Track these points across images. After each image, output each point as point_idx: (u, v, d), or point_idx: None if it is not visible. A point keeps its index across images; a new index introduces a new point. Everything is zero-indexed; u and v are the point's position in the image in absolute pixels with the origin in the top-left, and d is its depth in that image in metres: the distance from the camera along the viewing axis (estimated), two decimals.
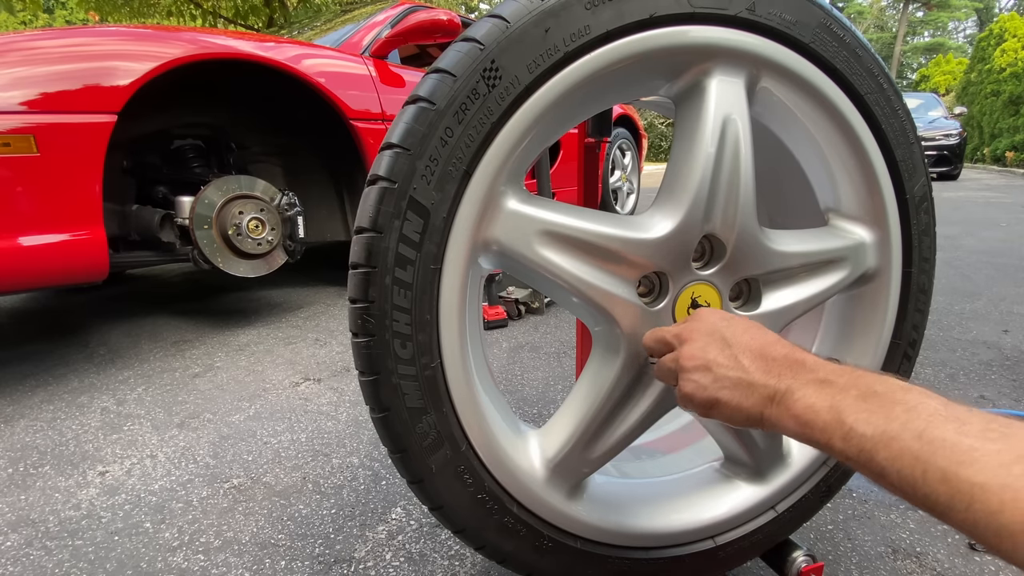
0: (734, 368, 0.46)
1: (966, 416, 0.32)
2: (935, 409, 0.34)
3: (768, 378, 0.44)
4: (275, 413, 1.44)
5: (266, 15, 7.97)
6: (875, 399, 0.37)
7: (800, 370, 0.43)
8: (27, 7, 6.67)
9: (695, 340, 0.50)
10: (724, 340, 0.48)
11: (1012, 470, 0.28)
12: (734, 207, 0.61)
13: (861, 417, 0.37)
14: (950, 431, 0.32)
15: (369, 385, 0.55)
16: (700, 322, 0.51)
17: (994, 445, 0.30)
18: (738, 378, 0.46)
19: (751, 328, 0.49)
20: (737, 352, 0.47)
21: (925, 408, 0.34)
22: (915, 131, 0.73)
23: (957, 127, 8.99)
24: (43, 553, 0.94)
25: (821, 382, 0.41)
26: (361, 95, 2.25)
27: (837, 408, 0.39)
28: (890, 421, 0.35)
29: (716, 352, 0.48)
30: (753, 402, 0.45)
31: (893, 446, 0.34)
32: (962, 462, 0.30)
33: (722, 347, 0.48)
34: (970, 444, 0.30)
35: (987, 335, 1.90)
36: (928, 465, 0.32)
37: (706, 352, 0.48)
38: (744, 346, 0.47)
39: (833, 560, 0.90)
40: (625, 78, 0.59)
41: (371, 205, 0.53)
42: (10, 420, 1.42)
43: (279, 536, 0.97)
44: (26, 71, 1.48)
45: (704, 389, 0.48)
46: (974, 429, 0.31)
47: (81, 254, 1.58)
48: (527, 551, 0.64)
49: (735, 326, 0.49)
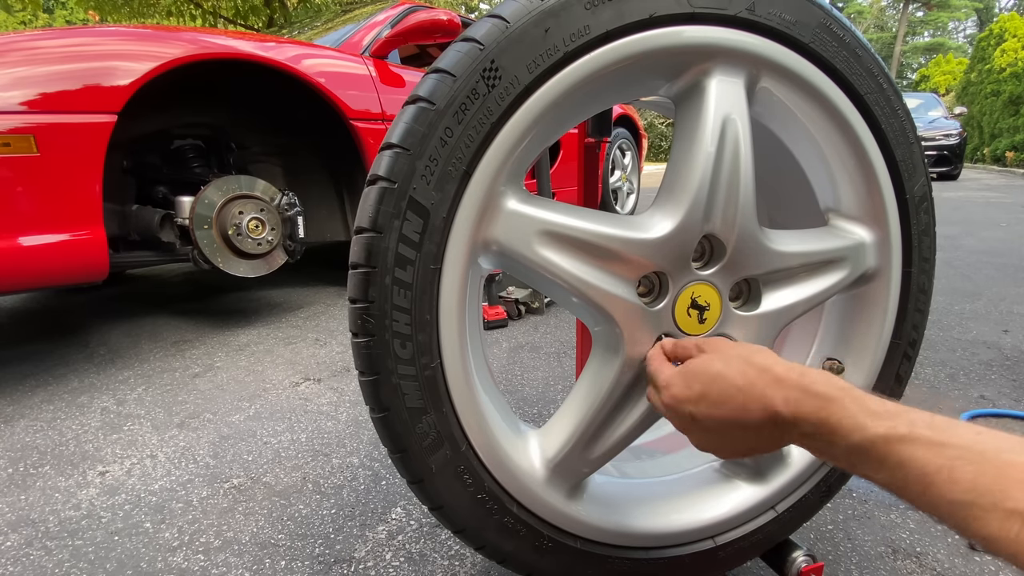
0: (738, 442, 0.47)
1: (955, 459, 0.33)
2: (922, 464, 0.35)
3: (769, 440, 0.45)
4: (275, 413, 1.44)
5: (266, 15, 7.97)
6: (863, 455, 0.38)
7: (783, 428, 0.43)
8: (26, 7, 6.66)
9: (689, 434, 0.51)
10: (708, 430, 0.48)
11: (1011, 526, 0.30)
12: (734, 207, 0.61)
13: (863, 470, 0.39)
14: (943, 489, 0.33)
15: (369, 385, 0.55)
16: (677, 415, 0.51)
17: (985, 499, 0.31)
18: (752, 446, 0.47)
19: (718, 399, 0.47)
20: (728, 434, 0.47)
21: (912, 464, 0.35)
22: (915, 131, 0.73)
23: (957, 127, 8.99)
24: (43, 553, 0.94)
25: (808, 437, 0.42)
26: (361, 95, 2.25)
27: (840, 462, 0.40)
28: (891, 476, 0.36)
29: (715, 440, 0.49)
30: (774, 448, 0.47)
31: (907, 497, 0.36)
32: (965, 518, 0.32)
33: (713, 435, 0.49)
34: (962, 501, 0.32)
35: (987, 335, 1.90)
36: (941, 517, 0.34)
37: (709, 443, 0.50)
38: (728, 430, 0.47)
39: (833, 560, 0.90)
40: (625, 78, 0.59)
41: (371, 205, 0.53)
42: (10, 420, 1.42)
43: (279, 536, 0.97)
44: (26, 71, 1.48)
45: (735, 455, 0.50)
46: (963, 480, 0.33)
47: (81, 254, 1.58)
48: (527, 551, 0.64)
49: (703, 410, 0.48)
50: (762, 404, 0.44)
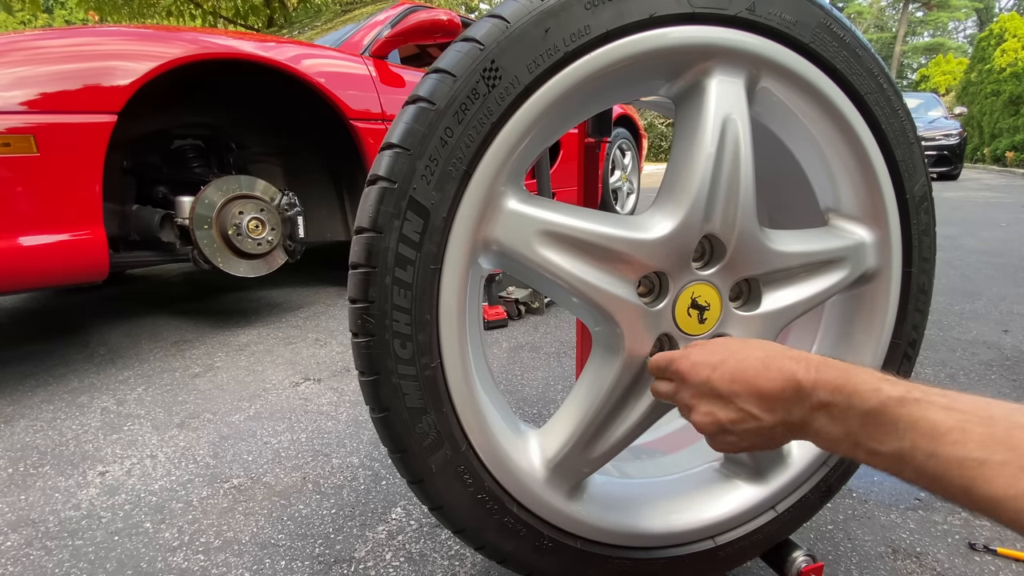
0: (748, 420, 0.47)
1: (964, 422, 0.34)
2: (933, 422, 0.35)
3: (777, 415, 0.45)
4: (275, 413, 1.44)
5: (266, 15, 7.97)
6: (876, 420, 0.39)
7: (800, 398, 0.44)
8: (26, 7, 6.66)
9: (697, 406, 0.50)
10: (721, 397, 0.48)
11: (1020, 482, 0.31)
12: (734, 207, 0.61)
13: (874, 439, 0.39)
14: (954, 446, 0.34)
15: (369, 385, 0.55)
16: (689, 385, 0.51)
17: (996, 457, 0.32)
18: (755, 428, 0.47)
19: (735, 366, 0.48)
20: (740, 403, 0.47)
21: (925, 422, 0.36)
22: (915, 131, 0.73)
23: (957, 127, 8.98)
24: (43, 553, 0.94)
25: (824, 406, 0.42)
26: (361, 95, 2.25)
27: (852, 435, 0.41)
28: (900, 441, 0.37)
29: (724, 412, 0.48)
30: (777, 438, 0.47)
31: (912, 464, 0.37)
32: (972, 478, 0.33)
33: (725, 404, 0.48)
34: (974, 458, 0.33)
35: (987, 335, 1.90)
36: (945, 481, 0.35)
37: (715, 415, 0.49)
38: (743, 394, 0.47)
39: (833, 560, 0.90)
40: (625, 78, 0.59)
41: (371, 205, 0.53)
42: (10, 420, 1.42)
43: (279, 536, 0.97)
44: (26, 71, 1.48)
45: (735, 445, 0.50)
46: (975, 438, 0.33)
47: (81, 254, 1.58)
48: (527, 551, 0.64)
49: (722, 373, 0.48)
50: (782, 371, 0.45)
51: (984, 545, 0.91)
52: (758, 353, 0.48)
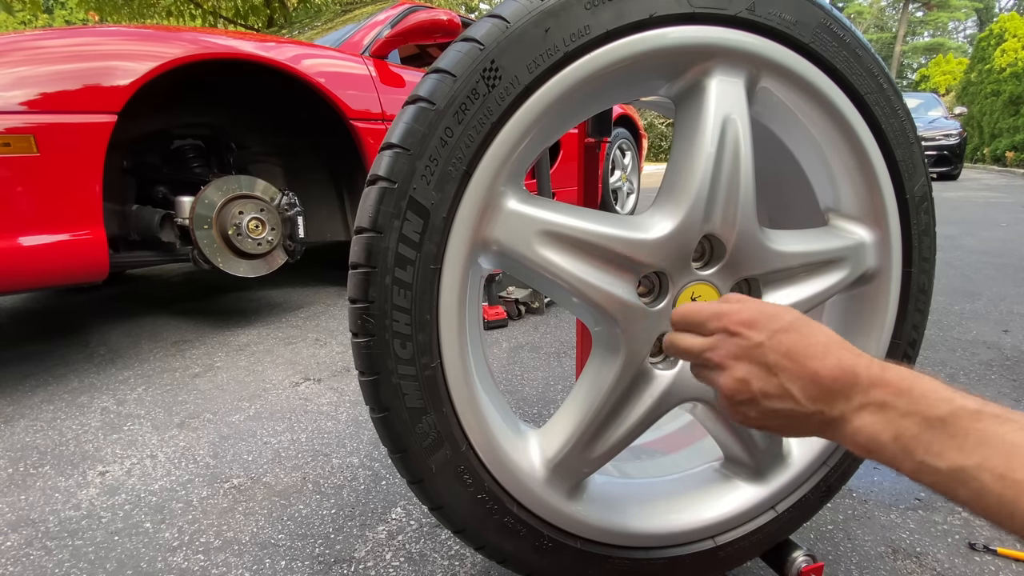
0: (782, 398, 0.43)
1: None
2: (1012, 443, 0.32)
3: (820, 405, 0.41)
4: (275, 413, 1.44)
5: (266, 15, 7.97)
6: (942, 429, 0.35)
7: (854, 391, 0.40)
8: (26, 7, 6.66)
9: (734, 368, 0.45)
10: (768, 366, 0.43)
11: None
12: (734, 207, 0.61)
13: (932, 450, 0.35)
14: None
15: (369, 385, 0.55)
16: (737, 344, 0.45)
17: None
18: (789, 409, 0.42)
19: (796, 342, 0.43)
20: (784, 379, 0.42)
21: (1001, 441, 0.32)
22: (915, 131, 0.73)
23: (957, 127, 8.98)
24: (43, 553, 0.94)
25: (879, 406, 0.38)
26: (361, 95, 2.25)
27: (902, 439, 0.37)
28: (965, 457, 0.33)
29: (761, 383, 0.43)
30: (806, 429, 0.43)
31: (972, 485, 0.33)
32: None
33: (767, 375, 0.43)
34: None
35: (987, 335, 1.90)
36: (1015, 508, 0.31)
37: (750, 384, 0.44)
38: (792, 372, 0.42)
39: (833, 560, 0.90)
40: (625, 78, 0.59)
41: (371, 205, 0.53)
42: (10, 420, 1.42)
43: (279, 536, 0.97)
44: (26, 71, 1.48)
45: (753, 420, 0.45)
46: None
47: (81, 254, 1.58)
48: (527, 551, 0.64)
49: (777, 343, 0.43)
50: (842, 361, 0.41)
51: (984, 545, 0.91)
52: (820, 336, 0.43)
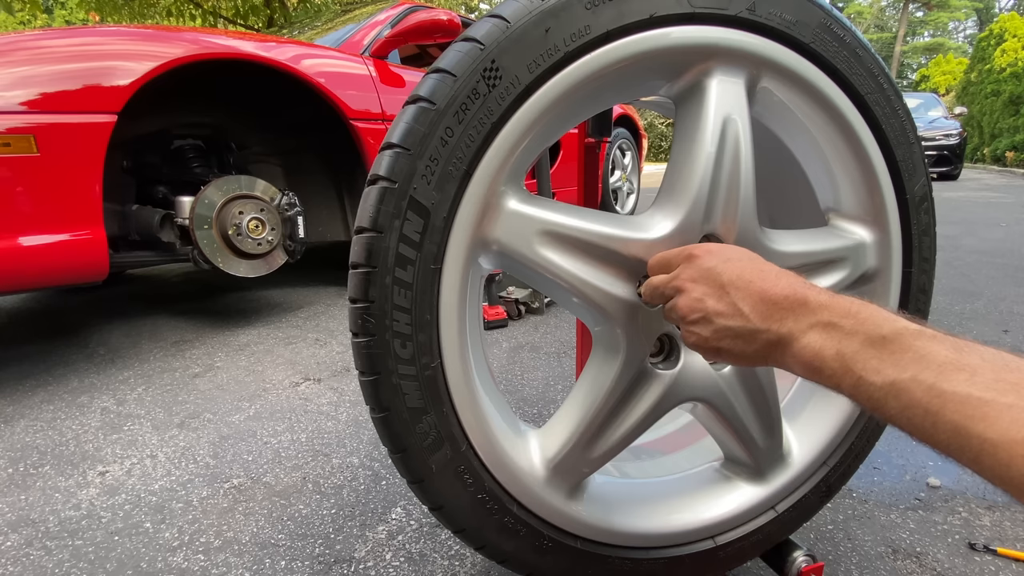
0: (733, 316, 0.45)
1: (977, 364, 0.32)
2: (946, 358, 0.34)
3: (769, 323, 0.43)
4: (275, 413, 1.44)
5: (266, 15, 7.96)
6: (883, 346, 0.37)
7: (802, 312, 0.42)
8: (26, 8, 6.66)
9: (692, 289, 0.49)
10: (721, 286, 0.46)
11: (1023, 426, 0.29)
12: (734, 207, 0.61)
13: (870, 366, 0.37)
14: (961, 383, 0.32)
15: (369, 385, 0.55)
16: (696, 266, 0.49)
17: (1004, 398, 0.30)
18: (739, 327, 0.45)
19: (749, 267, 0.47)
20: (736, 298, 0.45)
21: (935, 357, 0.34)
22: (915, 131, 0.73)
23: (957, 127, 8.98)
24: (43, 553, 0.94)
25: (825, 326, 0.40)
26: (361, 95, 2.25)
27: (844, 355, 0.38)
28: (900, 371, 0.35)
29: (714, 301, 0.46)
30: (756, 348, 0.45)
31: (903, 397, 0.34)
32: (972, 416, 0.31)
33: (720, 294, 0.46)
34: (980, 397, 0.31)
35: (987, 335, 1.90)
36: (938, 418, 0.32)
37: (704, 302, 0.47)
38: (743, 290, 0.45)
39: (833, 560, 0.90)
40: (625, 78, 0.59)
41: (371, 205, 0.53)
42: (10, 420, 1.42)
43: (279, 536, 0.97)
44: (27, 71, 1.48)
45: (706, 340, 0.48)
46: (985, 380, 0.31)
47: (81, 254, 1.58)
48: (527, 551, 0.64)
49: (732, 267, 0.47)
50: (793, 286, 0.43)
51: (984, 545, 0.91)
52: (775, 268, 0.46)
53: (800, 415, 0.78)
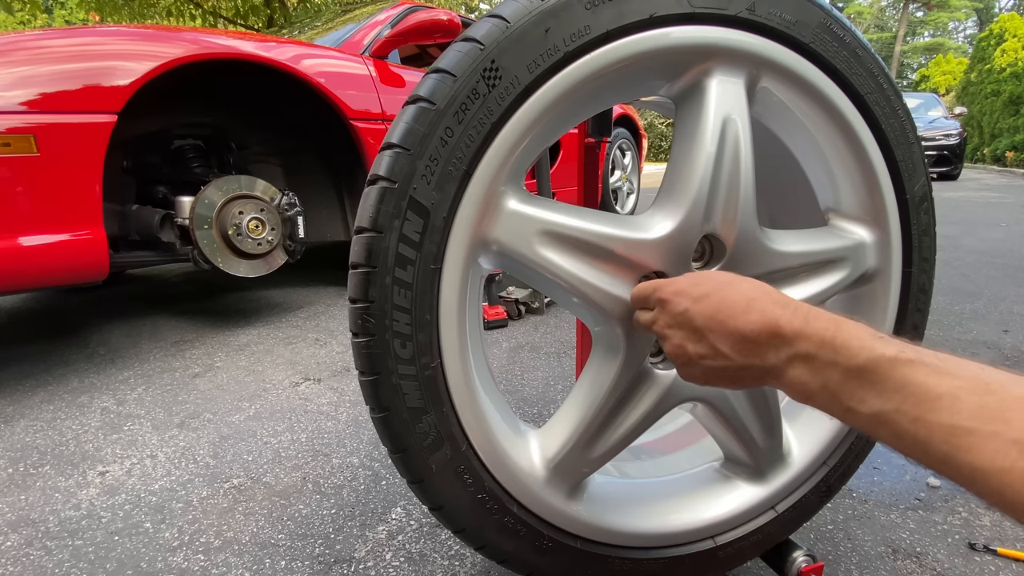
0: (716, 357, 0.46)
1: (958, 389, 0.33)
2: (925, 387, 0.34)
3: (752, 359, 0.44)
4: (275, 413, 1.44)
5: (266, 15, 7.96)
6: (863, 377, 0.37)
7: (779, 344, 0.42)
8: (26, 8, 6.66)
9: (671, 336, 0.50)
10: (696, 330, 0.47)
11: (1008, 455, 0.29)
12: (734, 207, 0.61)
13: (855, 396, 0.37)
14: (943, 413, 0.32)
15: (369, 385, 0.55)
16: (668, 312, 0.50)
17: (988, 427, 0.31)
18: (725, 366, 0.45)
19: (720, 302, 0.46)
20: (713, 340, 0.46)
21: (915, 386, 0.34)
22: (915, 131, 0.73)
23: (957, 127, 8.98)
24: (43, 553, 0.94)
25: (804, 358, 0.40)
26: (361, 95, 2.25)
27: (828, 388, 0.39)
28: (884, 402, 0.36)
29: (693, 345, 0.47)
30: (748, 380, 0.46)
31: (891, 427, 0.35)
32: (959, 447, 0.31)
33: (698, 338, 0.47)
34: (964, 427, 0.31)
35: (987, 335, 1.90)
36: (927, 447, 0.33)
37: (685, 348, 0.48)
38: (716, 332, 0.45)
39: (833, 560, 0.90)
40: (625, 78, 0.59)
41: (371, 205, 0.53)
42: (10, 420, 1.42)
43: (279, 536, 0.97)
44: (27, 71, 1.48)
45: (700, 379, 0.49)
46: (968, 407, 0.32)
47: (81, 254, 1.58)
48: (527, 551, 0.64)
49: (702, 307, 0.47)
50: (764, 315, 0.43)
51: (984, 545, 0.91)
52: (745, 293, 0.46)
53: (800, 415, 0.78)
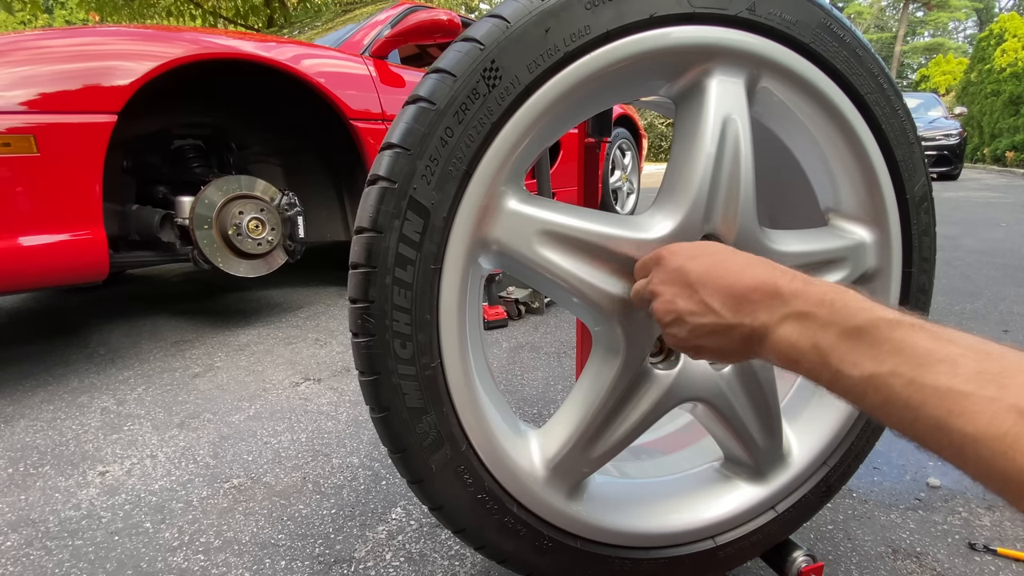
0: (705, 313, 0.44)
1: (958, 355, 0.31)
2: (925, 349, 0.32)
3: (741, 316, 0.42)
4: (275, 413, 1.44)
5: (266, 15, 7.96)
6: (859, 337, 0.35)
7: (775, 302, 0.41)
8: (27, 8, 6.66)
9: (663, 292, 0.49)
10: (689, 285, 0.46)
11: (1004, 420, 0.28)
12: (734, 207, 0.61)
13: (847, 359, 0.36)
14: (941, 376, 0.31)
15: (369, 385, 0.55)
16: (664, 268, 0.50)
17: (985, 391, 0.29)
18: (712, 324, 0.44)
19: (716, 260, 0.46)
20: (704, 295, 0.44)
21: (914, 348, 0.33)
22: (915, 131, 0.73)
23: (957, 127, 8.98)
24: (43, 553, 0.94)
25: (799, 316, 0.39)
26: (361, 95, 2.25)
27: (820, 348, 0.37)
28: (878, 364, 0.34)
29: (684, 301, 0.46)
30: (733, 343, 0.44)
31: (882, 392, 0.33)
32: (952, 411, 0.30)
33: (689, 293, 0.46)
34: (960, 390, 0.30)
35: (987, 335, 1.89)
36: (919, 413, 0.31)
37: (675, 303, 0.47)
38: (709, 286, 0.44)
39: (833, 560, 0.90)
40: (625, 78, 0.59)
41: (371, 205, 0.53)
42: (10, 420, 1.42)
43: (279, 536, 0.97)
44: (27, 71, 1.48)
45: (685, 340, 0.47)
46: (966, 371, 0.30)
47: (81, 254, 1.58)
48: (527, 551, 0.64)
49: (697, 264, 0.47)
50: (761, 276, 0.42)
51: (984, 545, 0.91)
52: (743, 259, 0.45)
53: (800, 415, 0.78)
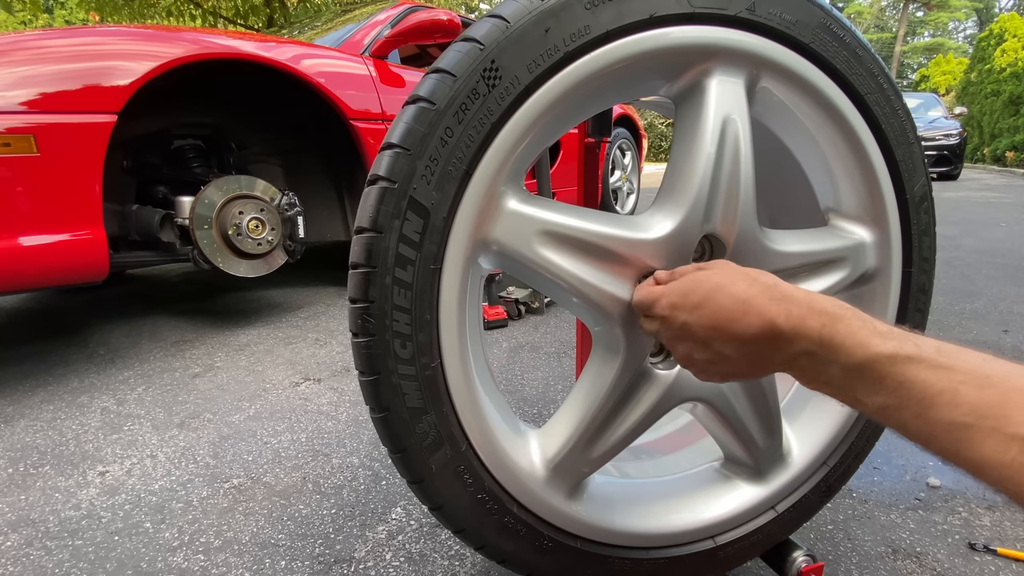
0: (724, 361, 0.47)
1: (957, 384, 0.34)
2: (924, 383, 0.35)
3: (754, 358, 0.45)
4: (275, 413, 1.44)
5: (266, 15, 7.96)
6: (861, 375, 0.38)
7: (781, 344, 0.43)
8: (27, 7, 6.66)
9: (677, 347, 0.51)
10: (699, 340, 0.48)
11: (1008, 451, 0.30)
12: (734, 207, 0.61)
13: (859, 390, 0.38)
14: (943, 410, 0.33)
15: (369, 385, 0.55)
16: (669, 327, 0.51)
17: (986, 423, 0.32)
18: (735, 368, 0.47)
19: (715, 308, 0.46)
20: (718, 347, 0.46)
21: (915, 383, 0.35)
22: (915, 131, 0.73)
23: (957, 127, 8.98)
24: (43, 553, 0.94)
25: (807, 355, 0.41)
26: (361, 95, 2.25)
27: (833, 383, 0.40)
28: (886, 397, 0.37)
29: (700, 354, 0.48)
30: (761, 373, 0.47)
31: (895, 418, 0.36)
32: (959, 442, 0.32)
33: (702, 347, 0.48)
34: (963, 423, 0.32)
35: (987, 335, 1.90)
36: (931, 441, 0.34)
37: (693, 357, 0.49)
38: (719, 340, 0.46)
39: (833, 560, 0.90)
40: (625, 78, 0.59)
41: (371, 205, 0.53)
42: (10, 420, 1.42)
43: (279, 536, 0.97)
44: (27, 70, 1.48)
45: (717, 379, 0.50)
46: (968, 401, 0.33)
47: (81, 254, 1.58)
48: (527, 551, 0.64)
49: (699, 317, 0.47)
50: (761, 317, 0.43)
51: (984, 545, 0.91)
52: (740, 293, 0.45)
53: (800, 415, 0.78)
